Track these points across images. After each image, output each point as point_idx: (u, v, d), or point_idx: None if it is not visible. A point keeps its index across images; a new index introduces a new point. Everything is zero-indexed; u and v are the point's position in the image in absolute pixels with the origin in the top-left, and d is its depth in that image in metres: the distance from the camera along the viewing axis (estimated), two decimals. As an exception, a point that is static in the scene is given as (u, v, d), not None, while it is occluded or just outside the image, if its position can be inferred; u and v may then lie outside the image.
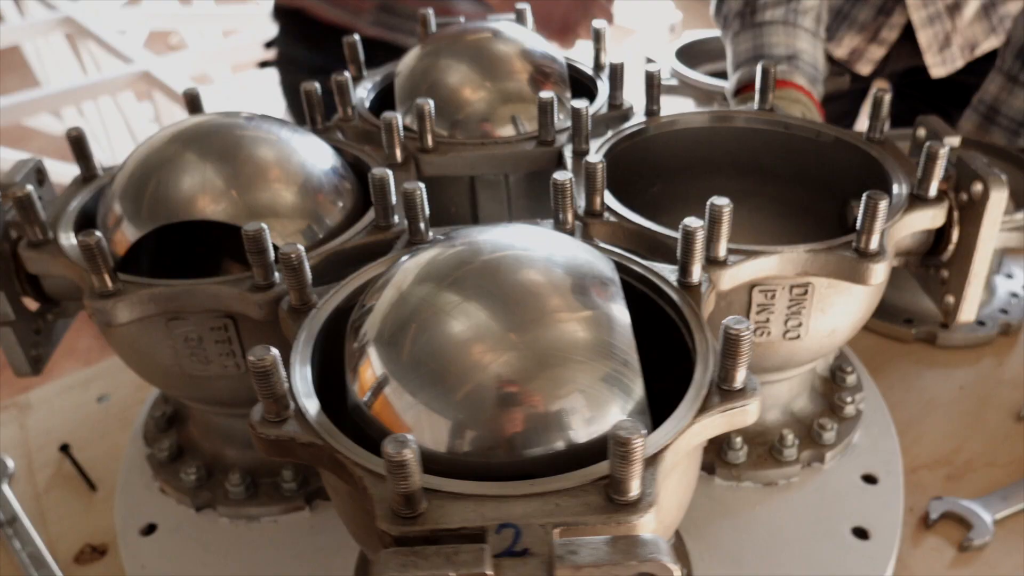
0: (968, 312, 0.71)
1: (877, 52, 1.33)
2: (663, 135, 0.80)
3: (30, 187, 0.62)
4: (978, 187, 0.66)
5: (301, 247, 0.54)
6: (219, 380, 0.64)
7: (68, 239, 0.65)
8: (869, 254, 0.60)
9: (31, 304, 0.70)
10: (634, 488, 0.42)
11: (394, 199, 0.64)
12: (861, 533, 0.70)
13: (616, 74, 0.82)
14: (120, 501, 0.76)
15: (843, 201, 0.76)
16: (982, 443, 0.84)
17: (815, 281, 0.62)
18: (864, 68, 1.35)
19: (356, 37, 0.89)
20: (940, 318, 0.94)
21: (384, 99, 0.90)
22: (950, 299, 0.72)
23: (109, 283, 0.58)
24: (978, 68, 1.28)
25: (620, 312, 0.50)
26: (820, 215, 0.80)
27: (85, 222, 0.69)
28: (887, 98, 0.72)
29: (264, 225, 0.56)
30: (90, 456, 0.86)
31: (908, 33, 1.29)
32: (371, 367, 0.49)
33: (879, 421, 0.81)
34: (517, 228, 0.58)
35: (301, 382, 0.50)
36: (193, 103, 0.77)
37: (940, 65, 1.30)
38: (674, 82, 1.27)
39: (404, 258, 0.55)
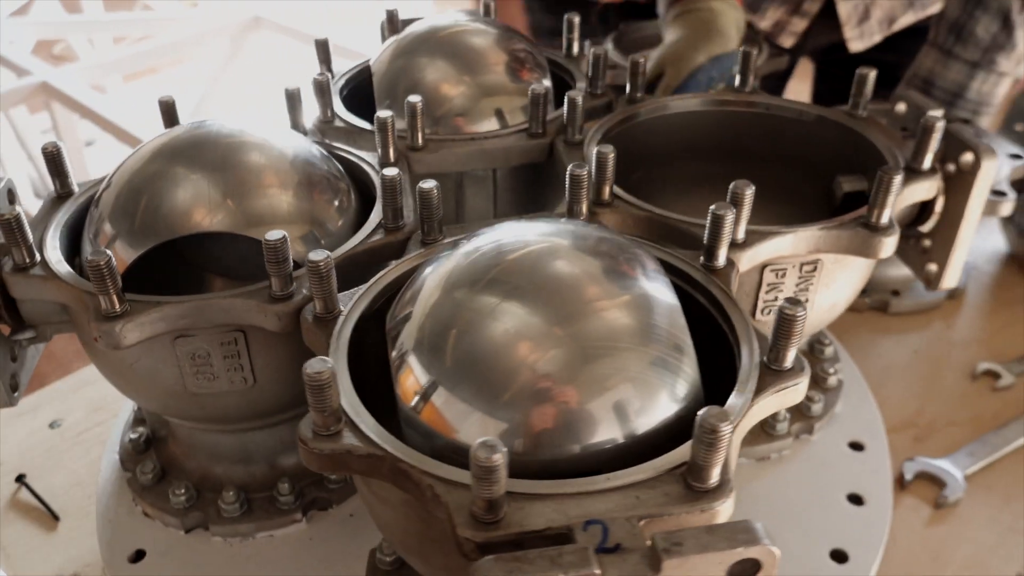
0: (952, 278, 0.74)
1: (799, 24, 1.36)
2: (647, 122, 0.80)
3: (18, 209, 0.58)
4: (968, 157, 0.68)
5: (329, 254, 0.52)
6: (224, 396, 0.62)
7: (59, 261, 0.61)
8: (880, 228, 0.61)
9: (3, 329, 0.66)
10: (715, 475, 0.42)
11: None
12: (856, 499, 0.72)
13: (598, 63, 0.82)
14: (102, 529, 0.72)
15: (829, 178, 0.78)
16: (942, 403, 0.88)
17: (824, 258, 0.64)
18: (787, 40, 1.37)
19: (326, 38, 0.87)
20: (890, 287, 0.98)
21: (351, 99, 0.87)
22: (932, 267, 0.75)
23: (117, 304, 0.54)
24: (896, 46, 1.33)
25: (665, 295, 0.50)
26: (801, 194, 0.82)
27: (70, 243, 0.65)
28: (871, 75, 0.74)
29: (285, 234, 0.54)
30: (49, 485, 0.82)
31: (830, 8, 1.33)
32: (415, 375, 0.48)
33: (857, 389, 0.84)
34: (540, 222, 0.57)
35: (346, 393, 0.48)
36: (169, 113, 0.74)
37: (858, 39, 1.33)
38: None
39: (431, 264, 0.53)
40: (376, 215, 0.65)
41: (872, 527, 0.69)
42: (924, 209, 0.73)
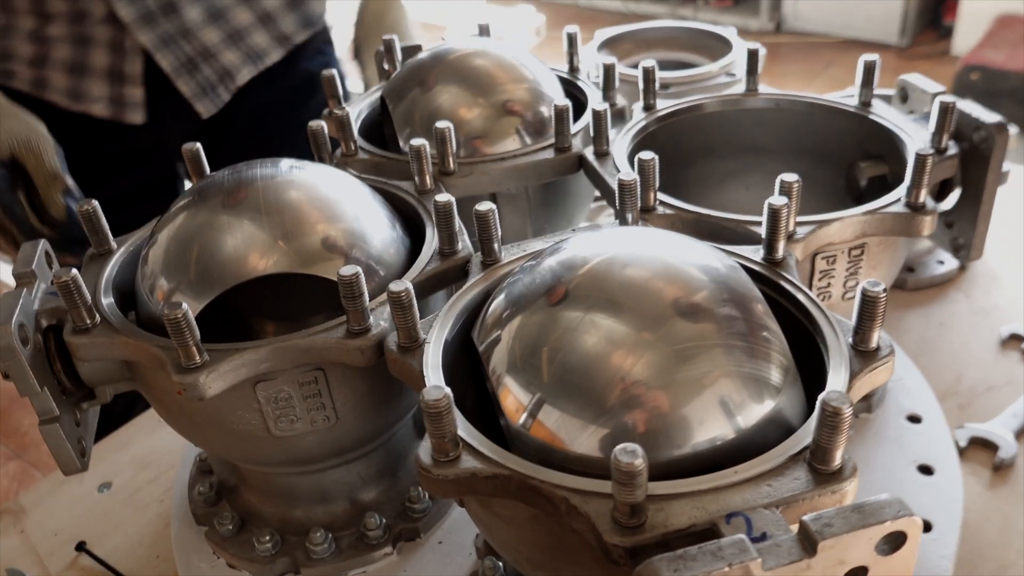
0: (980, 248, 0.77)
1: (136, 93, 1.11)
2: (666, 127, 0.82)
3: (74, 270, 0.58)
4: (982, 134, 0.71)
5: (409, 285, 0.53)
6: (306, 437, 0.61)
7: (121, 319, 0.60)
8: (919, 207, 0.64)
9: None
10: (838, 457, 0.43)
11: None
12: (926, 470, 0.74)
13: (609, 75, 0.84)
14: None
15: (839, 166, 0.81)
16: (977, 370, 0.91)
17: (870, 241, 0.66)
18: (136, 116, 1.13)
19: (334, 71, 0.88)
20: (904, 265, 1.01)
21: (363, 132, 0.88)
22: (960, 240, 0.78)
23: (197, 356, 0.54)
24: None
25: (745, 285, 0.51)
26: (817, 183, 0.84)
27: (123, 300, 0.64)
28: (877, 62, 0.77)
29: (359, 269, 0.54)
30: (109, 550, 0.80)
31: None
32: (517, 395, 0.49)
33: (901, 364, 0.85)
34: (600, 232, 0.58)
35: (457, 417, 0.49)
36: (195, 161, 0.73)
37: (201, 97, 1.14)
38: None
39: (504, 288, 0.54)
40: (431, 242, 0.65)
41: (947, 494, 0.71)
42: (943, 187, 0.76)
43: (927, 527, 0.68)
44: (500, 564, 0.65)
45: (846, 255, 0.66)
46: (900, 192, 0.65)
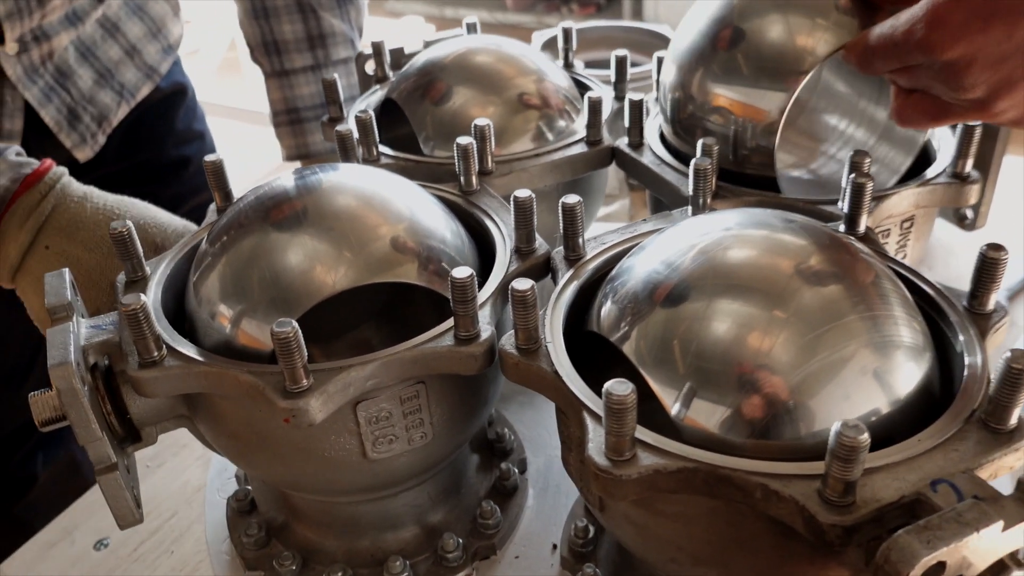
0: (986, 217, 0.81)
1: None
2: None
3: (144, 297, 0.52)
4: (992, 107, 0.75)
5: (533, 283, 0.50)
6: (399, 458, 0.58)
7: (193, 348, 0.55)
8: (965, 177, 0.67)
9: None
10: (1015, 414, 0.44)
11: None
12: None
13: (622, 68, 0.84)
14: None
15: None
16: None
17: (917, 213, 0.68)
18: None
19: (335, 76, 0.83)
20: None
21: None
22: (969, 212, 0.82)
23: (304, 378, 0.50)
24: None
25: (863, 252, 0.52)
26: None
27: (180, 327, 0.58)
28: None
29: (472, 271, 0.52)
30: (122, 615, 0.73)
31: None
32: (666, 387, 0.48)
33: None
34: (695, 219, 0.58)
35: (614, 415, 0.47)
36: (218, 175, 0.68)
37: (81, 146, 1.07)
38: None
39: (615, 283, 0.53)
40: (503, 241, 0.63)
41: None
42: (952, 158, 0.80)
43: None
44: (597, 572, 0.63)
45: (898, 228, 0.68)
46: (943, 164, 0.68)
